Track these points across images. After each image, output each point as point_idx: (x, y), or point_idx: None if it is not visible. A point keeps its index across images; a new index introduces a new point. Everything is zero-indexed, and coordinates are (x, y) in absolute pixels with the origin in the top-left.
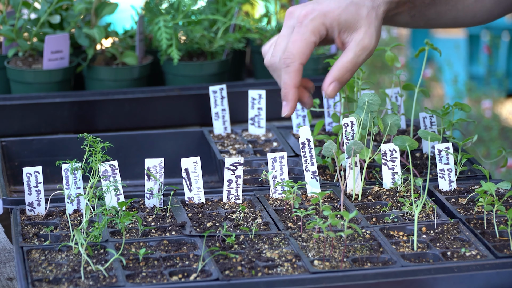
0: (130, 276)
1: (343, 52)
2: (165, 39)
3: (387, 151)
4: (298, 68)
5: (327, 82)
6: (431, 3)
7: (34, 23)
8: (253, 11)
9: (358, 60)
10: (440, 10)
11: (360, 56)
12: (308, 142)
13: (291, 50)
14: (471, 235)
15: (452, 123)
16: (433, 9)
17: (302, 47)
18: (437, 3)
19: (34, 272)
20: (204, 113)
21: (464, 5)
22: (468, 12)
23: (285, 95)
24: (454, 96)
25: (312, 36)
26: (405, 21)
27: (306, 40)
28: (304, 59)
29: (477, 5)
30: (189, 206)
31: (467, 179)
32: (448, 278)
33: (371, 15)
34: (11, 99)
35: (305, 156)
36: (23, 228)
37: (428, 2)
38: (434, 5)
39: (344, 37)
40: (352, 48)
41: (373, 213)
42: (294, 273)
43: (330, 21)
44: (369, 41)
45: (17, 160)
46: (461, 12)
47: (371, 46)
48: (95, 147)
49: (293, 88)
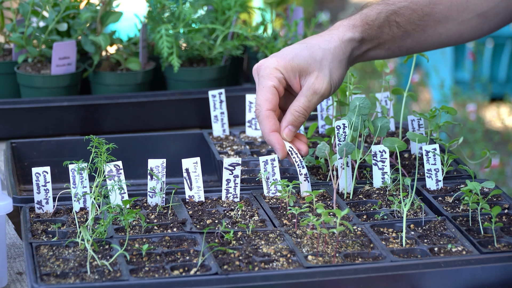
0: (133, 271)
1: (297, 97)
2: (166, 47)
3: (377, 152)
4: (266, 115)
5: (282, 126)
6: (404, 35)
7: (42, 31)
8: (250, 19)
9: (310, 104)
10: (418, 39)
11: (311, 100)
12: (292, 149)
13: (257, 101)
14: (457, 232)
15: (439, 125)
16: (409, 39)
17: (263, 94)
18: (411, 33)
19: (43, 267)
20: (204, 116)
21: (446, 29)
22: (452, 35)
23: (268, 142)
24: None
25: (269, 82)
26: (382, 55)
27: (265, 87)
28: (269, 105)
29: (462, 27)
30: (189, 204)
31: (453, 179)
32: (435, 273)
33: (326, 57)
34: (21, 102)
35: (296, 161)
36: (32, 225)
37: (400, 35)
38: (409, 36)
39: (300, 81)
40: (304, 93)
41: (364, 211)
42: (289, 267)
43: (283, 65)
44: (320, 85)
45: (26, 161)
46: (444, 35)
47: (322, 89)
48: (101, 148)
49: (270, 134)
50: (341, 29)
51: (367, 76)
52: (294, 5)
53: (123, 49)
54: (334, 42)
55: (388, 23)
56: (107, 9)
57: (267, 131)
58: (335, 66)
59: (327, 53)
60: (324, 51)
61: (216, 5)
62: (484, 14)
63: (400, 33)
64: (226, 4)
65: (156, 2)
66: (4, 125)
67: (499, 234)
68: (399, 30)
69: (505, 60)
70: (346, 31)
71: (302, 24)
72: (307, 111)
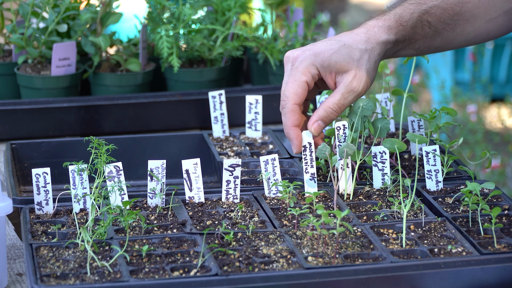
0: (133, 272)
1: (332, 93)
2: (166, 47)
3: (377, 153)
4: (292, 109)
5: (312, 120)
6: (435, 34)
7: (42, 32)
8: (250, 20)
9: (345, 102)
10: (447, 38)
11: (347, 98)
12: (309, 145)
13: (285, 93)
14: (457, 233)
15: (439, 126)
16: (438, 39)
17: (294, 88)
18: (441, 32)
19: (43, 268)
20: (203, 117)
21: (474, 27)
22: (480, 33)
23: (287, 135)
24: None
25: (303, 76)
26: (410, 53)
27: (297, 81)
28: (297, 99)
29: (489, 25)
30: (189, 205)
31: (453, 180)
32: (435, 274)
33: (363, 57)
34: (21, 104)
35: (306, 159)
36: (32, 226)
37: (431, 34)
38: (439, 35)
39: (335, 78)
40: (340, 90)
41: (364, 211)
42: (289, 268)
43: (320, 61)
44: (357, 84)
45: (26, 162)
46: (471, 34)
47: (359, 89)
48: (101, 149)
49: (291, 128)
50: (376, 30)
51: None
52: (294, 6)
53: (123, 50)
54: (371, 43)
55: (420, 23)
56: (107, 10)
57: (288, 124)
58: (371, 66)
59: (364, 54)
60: (362, 52)
61: (216, 6)
62: (510, 11)
63: (431, 32)
64: (226, 5)
65: (156, 3)
66: (4, 126)
67: (499, 235)
68: (430, 29)
69: (505, 61)
70: (382, 32)
71: (302, 25)
72: (341, 108)
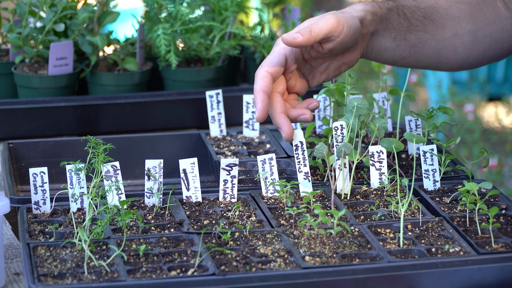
0: (131, 271)
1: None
2: (164, 45)
3: (374, 152)
4: (263, 75)
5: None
6: (409, 27)
7: (40, 31)
8: (247, 19)
9: (315, 27)
10: (421, 37)
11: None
12: (301, 144)
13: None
14: (455, 233)
15: (436, 126)
16: (413, 35)
17: (269, 58)
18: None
19: (40, 268)
20: (201, 116)
21: (443, 37)
22: (448, 45)
23: (253, 99)
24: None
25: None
26: (389, 44)
27: (274, 52)
28: (270, 67)
29: (456, 40)
30: (187, 204)
31: (451, 179)
32: (432, 273)
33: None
34: (18, 103)
35: (298, 158)
36: (29, 226)
37: (406, 26)
38: (414, 30)
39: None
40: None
41: (361, 211)
42: (286, 268)
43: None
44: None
45: (23, 161)
46: (441, 43)
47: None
48: (98, 149)
49: (259, 92)
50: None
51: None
52: (291, 5)
53: (120, 49)
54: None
55: (396, 9)
56: (104, 9)
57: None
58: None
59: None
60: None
61: (213, 5)
62: (474, 33)
63: (406, 24)
64: (223, 4)
65: (153, 2)
66: (1, 126)
67: (496, 235)
68: (405, 21)
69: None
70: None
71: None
72: (312, 31)
